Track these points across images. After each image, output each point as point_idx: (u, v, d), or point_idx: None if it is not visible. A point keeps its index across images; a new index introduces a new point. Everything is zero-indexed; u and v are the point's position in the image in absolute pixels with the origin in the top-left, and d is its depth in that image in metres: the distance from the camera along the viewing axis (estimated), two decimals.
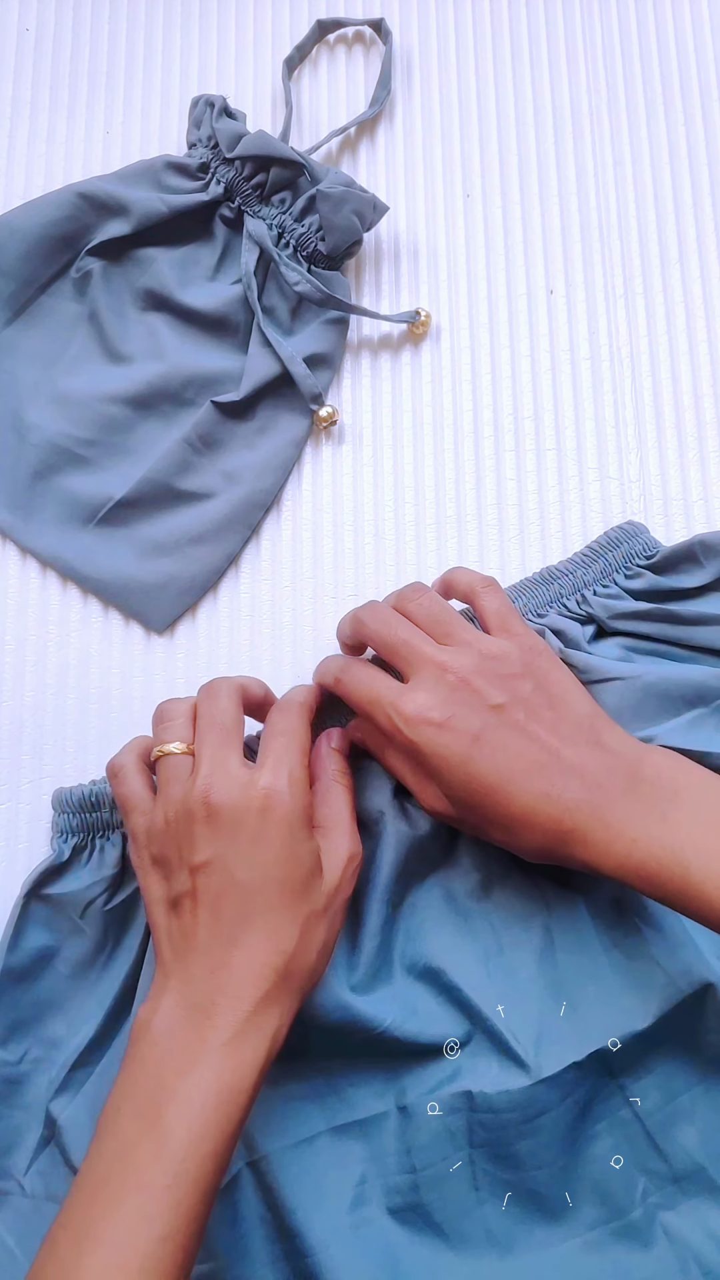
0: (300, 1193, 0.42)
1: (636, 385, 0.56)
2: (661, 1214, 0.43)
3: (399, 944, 0.46)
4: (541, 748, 0.41)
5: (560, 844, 0.40)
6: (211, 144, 0.55)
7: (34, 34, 0.62)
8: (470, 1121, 0.43)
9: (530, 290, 0.58)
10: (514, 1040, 0.44)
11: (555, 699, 0.42)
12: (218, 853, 0.40)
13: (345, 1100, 0.44)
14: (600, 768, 0.41)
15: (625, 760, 0.41)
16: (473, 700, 0.41)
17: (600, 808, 0.40)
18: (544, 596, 0.50)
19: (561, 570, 0.50)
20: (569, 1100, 0.43)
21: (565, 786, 0.40)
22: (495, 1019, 0.44)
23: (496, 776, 0.41)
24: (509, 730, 0.41)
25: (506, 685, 0.42)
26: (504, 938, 0.46)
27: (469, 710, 0.41)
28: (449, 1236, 0.43)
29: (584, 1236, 0.43)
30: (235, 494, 0.54)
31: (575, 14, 0.62)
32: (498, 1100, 0.43)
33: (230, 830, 0.40)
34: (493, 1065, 0.44)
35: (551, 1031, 0.44)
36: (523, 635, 0.44)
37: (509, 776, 0.41)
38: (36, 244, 0.55)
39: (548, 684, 0.43)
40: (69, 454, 0.54)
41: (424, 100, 0.61)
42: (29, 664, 0.54)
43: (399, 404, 0.57)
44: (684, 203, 0.59)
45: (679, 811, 0.40)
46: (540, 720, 0.42)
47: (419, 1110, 0.43)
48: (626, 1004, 0.44)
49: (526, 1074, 0.43)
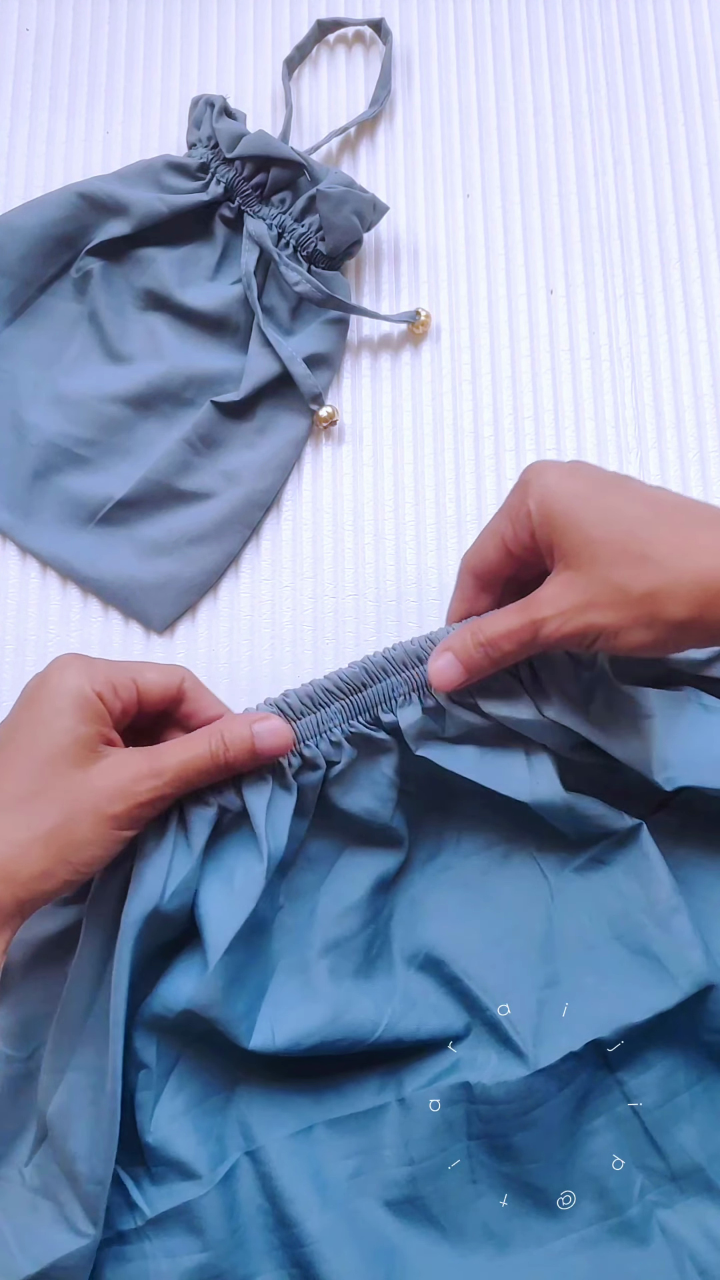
0: (298, 1184, 0.42)
1: (636, 385, 0.56)
2: (659, 1212, 0.43)
3: (398, 935, 0.46)
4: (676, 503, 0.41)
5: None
6: (211, 144, 0.55)
7: (34, 34, 0.62)
8: (468, 1113, 0.43)
9: (530, 290, 0.58)
10: (514, 1031, 0.44)
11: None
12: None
13: (343, 1095, 0.45)
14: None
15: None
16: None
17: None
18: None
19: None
20: (566, 1091, 0.43)
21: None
22: (496, 1010, 0.44)
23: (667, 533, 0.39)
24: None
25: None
26: (505, 925, 0.46)
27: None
28: (446, 1230, 0.43)
29: (581, 1233, 0.43)
30: (235, 494, 0.54)
31: (575, 14, 0.62)
32: (495, 1091, 0.43)
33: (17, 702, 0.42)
34: (491, 1057, 0.44)
35: (549, 1022, 0.44)
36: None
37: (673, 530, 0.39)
38: (36, 244, 0.55)
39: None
40: (69, 454, 0.54)
41: (424, 100, 0.61)
42: (29, 664, 0.54)
43: (399, 404, 0.57)
44: (684, 203, 0.59)
45: None
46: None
47: (417, 1103, 0.43)
48: (625, 997, 0.44)
49: (524, 1064, 0.43)
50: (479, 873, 0.47)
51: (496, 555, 0.44)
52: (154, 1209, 0.42)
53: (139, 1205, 0.42)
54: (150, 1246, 0.42)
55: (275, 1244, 0.42)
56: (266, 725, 0.42)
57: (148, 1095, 0.43)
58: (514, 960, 0.45)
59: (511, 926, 0.46)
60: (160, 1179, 0.43)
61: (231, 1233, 0.42)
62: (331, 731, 0.45)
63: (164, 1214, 0.42)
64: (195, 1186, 0.42)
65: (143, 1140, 0.43)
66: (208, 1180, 0.42)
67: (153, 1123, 0.43)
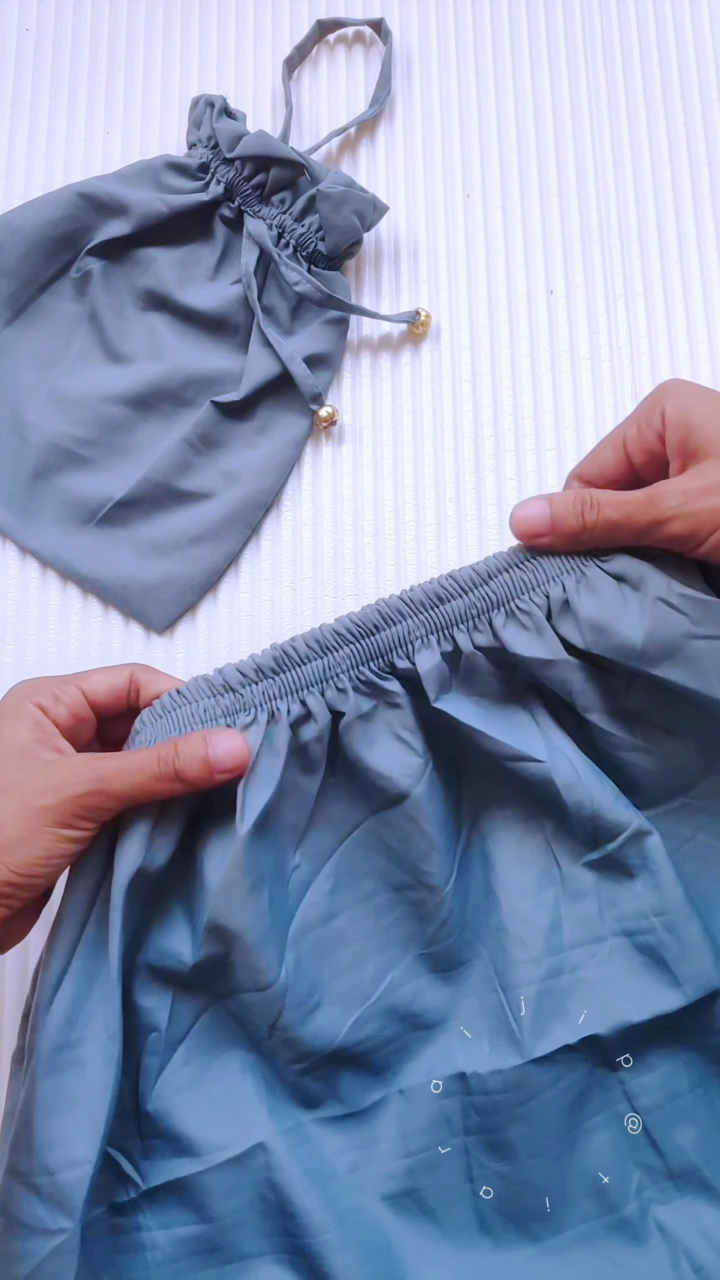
0: (304, 1175, 0.42)
1: (636, 385, 0.56)
2: (655, 1210, 0.43)
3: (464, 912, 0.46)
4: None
5: None
6: (211, 144, 0.55)
7: (34, 34, 0.62)
8: (464, 1105, 0.43)
9: (530, 290, 0.58)
10: (512, 1018, 0.43)
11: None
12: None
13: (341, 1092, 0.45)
14: None
15: None
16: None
17: None
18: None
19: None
20: (561, 1084, 0.43)
21: None
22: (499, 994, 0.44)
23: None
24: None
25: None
26: (515, 909, 0.45)
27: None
28: (444, 1225, 0.43)
29: (577, 1229, 0.43)
30: (235, 494, 0.54)
31: (575, 14, 0.62)
32: (490, 1081, 0.43)
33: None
34: (484, 1045, 0.44)
35: (548, 1012, 0.44)
36: None
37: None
38: (36, 244, 0.55)
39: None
40: (69, 454, 0.54)
41: (424, 100, 0.61)
42: (29, 664, 0.54)
43: (399, 404, 0.57)
44: (684, 203, 0.59)
45: None
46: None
47: (417, 1094, 0.43)
48: (627, 996, 0.43)
49: (519, 1053, 0.43)
50: (497, 852, 0.46)
51: (615, 459, 0.42)
52: (147, 1182, 0.42)
53: (132, 1178, 0.42)
54: (145, 1219, 0.42)
55: (277, 1230, 0.42)
56: (224, 741, 0.41)
57: (154, 1061, 0.42)
58: (519, 947, 0.44)
59: (521, 912, 0.44)
60: (153, 1152, 0.42)
61: (232, 1211, 0.42)
62: (338, 678, 0.43)
63: (160, 1186, 0.42)
64: (192, 1163, 0.42)
65: (141, 1107, 0.42)
66: (206, 1159, 0.42)
67: (154, 1091, 0.42)
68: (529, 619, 0.42)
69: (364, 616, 0.42)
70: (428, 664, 0.42)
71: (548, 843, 0.45)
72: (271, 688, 0.43)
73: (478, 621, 0.43)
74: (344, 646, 0.43)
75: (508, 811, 0.46)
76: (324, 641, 0.42)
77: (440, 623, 0.42)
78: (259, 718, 0.42)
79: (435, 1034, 0.45)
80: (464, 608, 0.42)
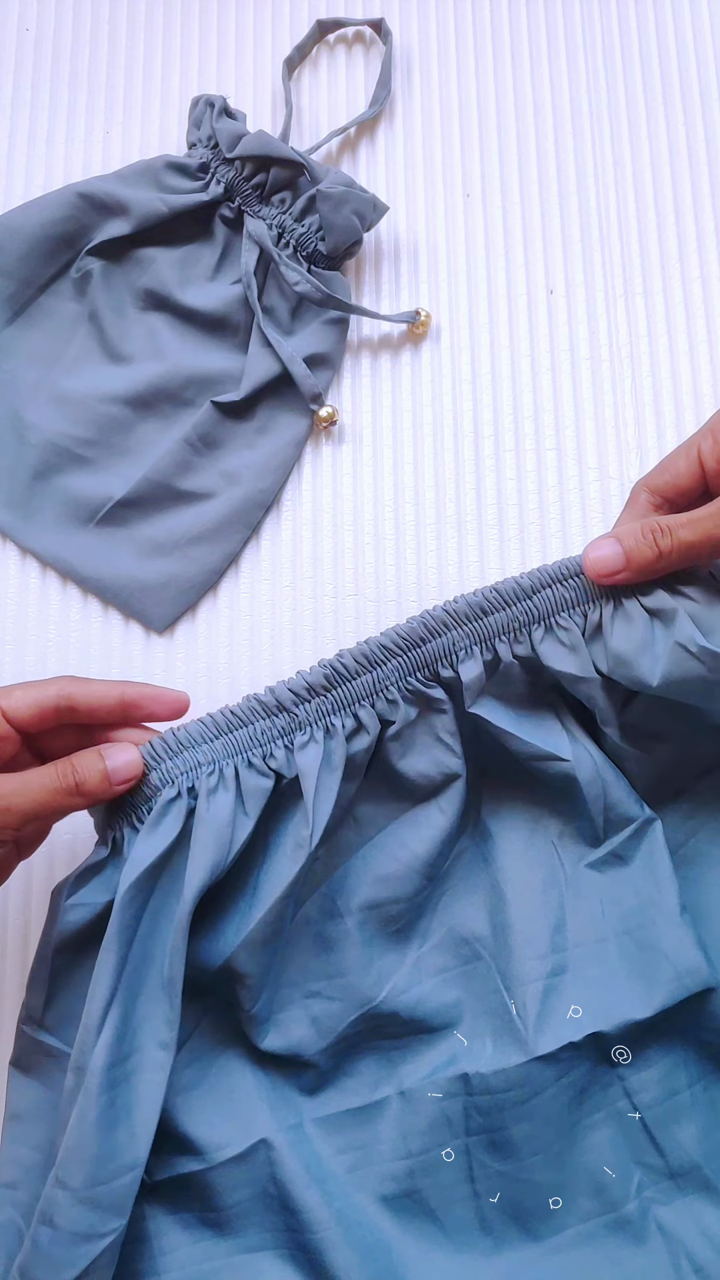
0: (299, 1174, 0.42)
1: (636, 385, 0.56)
2: (656, 1209, 0.44)
3: (428, 908, 0.46)
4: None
5: None
6: (211, 144, 0.55)
7: (34, 34, 0.62)
8: (466, 1106, 0.43)
9: (530, 290, 0.58)
10: (518, 1016, 0.44)
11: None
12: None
13: (341, 1090, 0.45)
14: None
15: None
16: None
17: None
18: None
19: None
20: (564, 1081, 0.43)
21: None
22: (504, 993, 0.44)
23: None
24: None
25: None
26: (522, 909, 0.45)
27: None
28: (444, 1224, 0.43)
29: (577, 1228, 0.43)
30: (235, 494, 0.54)
31: (575, 14, 0.62)
32: (494, 1080, 0.43)
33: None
34: (487, 1045, 0.44)
35: (551, 1011, 0.44)
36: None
37: None
38: (36, 244, 0.55)
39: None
40: (69, 454, 0.54)
41: (424, 100, 0.61)
42: (29, 664, 0.54)
43: (399, 404, 0.57)
44: (684, 203, 0.59)
45: None
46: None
47: (417, 1095, 0.44)
48: (630, 993, 0.44)
49: (522, 1051, 0.43)
50: (506, 853, 0.47)
51: (688, 470, 0.42)
52: (154, 1177, 0.42)
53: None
54: (151, 1209, 0.43)
55: (280, 1225, 0.43)
56: (120, 755, 0.42)
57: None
58: (525, 945, 0.45)
59: (528, 910, 0.45)
60: (159, 1150, 0.42)
61: (236, 1204, 0.43)
62: (388, 690, 0.44)
63: (167, 1179, 0.42)
64: (196, 1161, 0.43)
65: None
66: (210, 1158, 0.42)
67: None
68: (567, 635, 0.44)
69: (410, 629, 0.44)
70: (471, 674, 0.44)
71: (554, 845, 0.46)
72: (324, 704, 0.44)
73: (519, 634, 0.44)
74: (391, 660, 0.44)
75: (517, 814, 0.47)
76: (372, 656, 0.44)
77: (484, 634, 0.44)
78: (315, 735, 0.44)
79: (438, 1037, 0.45)
80: (507, 620, 0.44)
